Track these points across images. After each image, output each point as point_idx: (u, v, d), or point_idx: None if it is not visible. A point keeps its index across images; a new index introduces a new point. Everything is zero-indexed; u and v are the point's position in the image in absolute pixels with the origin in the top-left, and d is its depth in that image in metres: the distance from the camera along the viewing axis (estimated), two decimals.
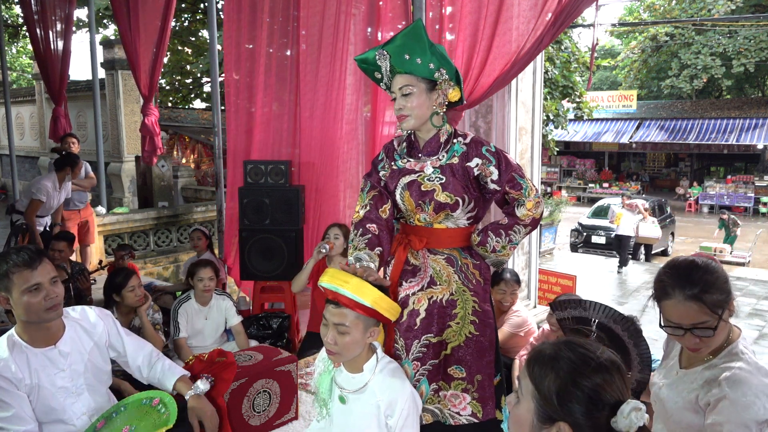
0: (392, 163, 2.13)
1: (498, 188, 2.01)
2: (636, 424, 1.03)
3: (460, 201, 2.00)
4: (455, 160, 2.01)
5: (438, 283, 2.04)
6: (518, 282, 3.74)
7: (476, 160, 2.00)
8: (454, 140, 2.05)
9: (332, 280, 1.76)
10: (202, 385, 2.17)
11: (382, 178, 2.15)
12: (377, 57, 2.02)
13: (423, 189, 2.00)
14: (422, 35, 1.95)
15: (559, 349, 1.15)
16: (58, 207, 5.30)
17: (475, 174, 2.00)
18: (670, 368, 1.73)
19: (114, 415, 2.00)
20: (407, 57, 1.96)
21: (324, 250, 3.38)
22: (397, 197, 2.07)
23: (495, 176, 2.00)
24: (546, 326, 3.36)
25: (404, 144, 2.15)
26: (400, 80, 2.00)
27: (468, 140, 2.05)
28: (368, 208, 2.11)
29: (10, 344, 1.95)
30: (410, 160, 2.09)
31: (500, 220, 2.08)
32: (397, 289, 2.08)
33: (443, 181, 1.99)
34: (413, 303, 2.04)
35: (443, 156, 2.03)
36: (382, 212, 2.09)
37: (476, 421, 2.03)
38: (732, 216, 13.83)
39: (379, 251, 2.01)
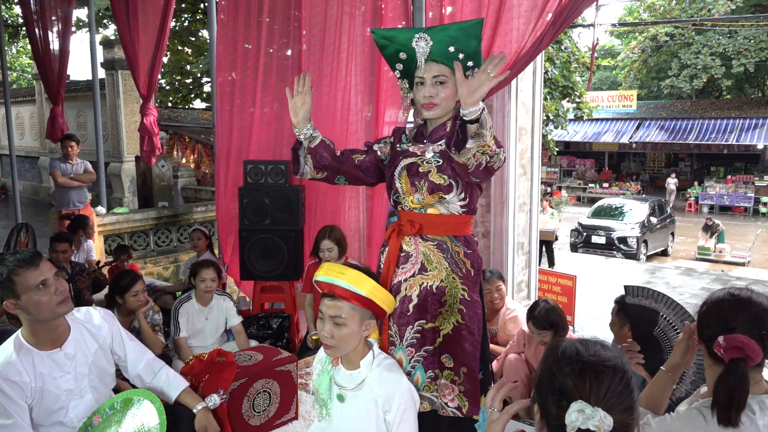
0: (398, 145, 2.19)
1: None
2: (576, 424, 1.06)
3: (454, 184, 2.01)
4: None
5: (428, 269, 2.06)
6: (500, 278, 3.79)
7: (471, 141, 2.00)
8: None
9: (328, 272, 1.78)
10: (215, 400, 2.21)
11: (375, 150, 2.24)
12: (415, 39, 1.97)
13: (420, 170, 2.05)
14: (479, 35, 1.97)
15: (564, 343, 1.22)
16: (88, 258, 5.42)
17: None
18: (689, 402, 1.77)
19: (108, 411, 1.99)
20: (452, 49, 1.95)
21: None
22: (395, 176, 2.11)
23: None
24: (525, 329, 3.36)
25: (414, 130, 2.20)
26: (436, 69, 1.99)
27: None
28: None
29: (17, 347, 1.95)
30: (415, 144, 2.14)
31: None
32: (392, 275, 2.12)
33: (440, 163, 2.03)
34: (405, 289, 2.07)
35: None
36: (345, 156, 2.23)
37: (460, 415, 2.04)
38: (713, 220, 13.85)
39: (327, 140, 2.19)
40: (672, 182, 20.93)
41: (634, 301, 2.45)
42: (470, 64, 2.00)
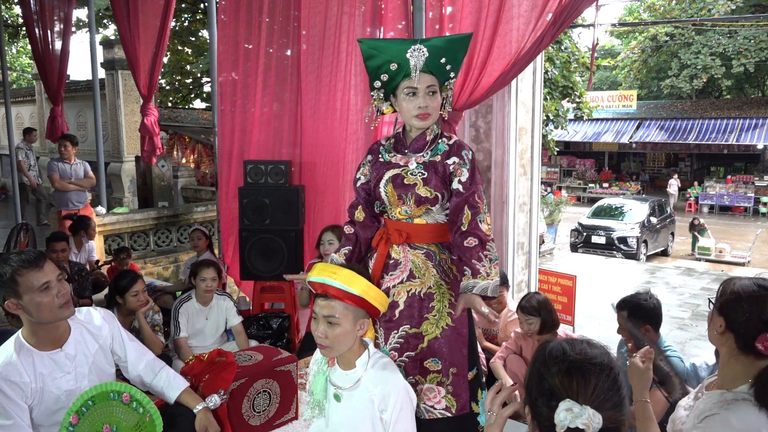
0: (378, 157, 2.23)
1: (462, 190, 2.07)
2: (564, 423, 1.06)
3: (440, 196, 2.07)
4: (437, 158, 2.11)
5: (417, 277, 2.11)
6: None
7: (454, 158, 2.10)
8: (439, 140, 2.15)
9: (321, 273, 1.79)
10: (215, 400, 2.22)
11: (359, 178, 2.27)
12: (412, 51, 2.02)
13: (405, 182, 2.09)
14: (467, 48, 2.14)
15: (552, 343, 1.23)
16: (89, 259, 5.41)
17: (450, 171, 2.09)
18: (694, 394, 1.77)
19: (84, 410, 1.95)
20: (443, 61, 2.05)
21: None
22: (381, 189, 2.15)
23: (464, 177, 2.08)
24: (518, 329, 3.36)
25: (392, 140, 2.25)
26: (428, 79, 2.06)
27: (452, 141, 2.15)
28: (348, 211, 2.33)
29: (18, 347, 1.95)
30: (396, 155, 2.19)
31: (467, 247, 2.05)
32: (379, 282, 2.17)
33: (425, 176, 2.08)
34: (393, 295, 2.13)
35: (428, 153, 2.13)
36: (357, 216, 2.29)
37: (449, 415, 2.08)
38: (699, 219, 13.89)
39: (347, 250, 2.27)
40: (674, 183, 20.79)
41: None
42: (452, 76, 2.12)
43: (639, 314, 2.76)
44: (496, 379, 3.35)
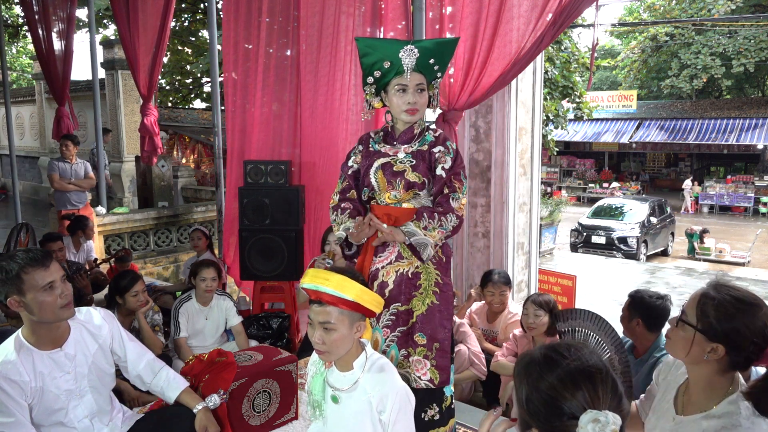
0: (368, 147, 2.39)
1: (443, 175, 2.25)
2: None
3: (427, 181, 2.26)
4: (425, 147, 2.29)
5: (405, 257, 2.26)
6: (507, 284, 3.74)
7: (439, 148, 2.28)
8: (426, 133, 2.33)
9: (313, 279, 1.79)
10: (215, 400, 2.22)
11: (352, 166, 2.39)
12: (405, 51, 2.19)
13: (395, 170, 2.27)
14: (453, 52, 2.33)
15: (535, 354, 1.15)
16: (88, 259, 5.38)
17: (435, 158, 2.26)
18: (665, 413, 1.66)
19: None
20: (431, 61, 2.23)
21: (328, 264, 3.37)
22: (371, 175, 2.30)
23: (447, 165, 2.25)
24: (517, 331, 3.35)
25: (381, 133, 2.42)
26: (418, 78, 2.24)
27: (437, 134, 2.33)
28: (338, 195, 2.40)
29: (18, 346, 1.95)
30: (386, 145, 2.36)
31: (431, 208, 2.27)
32: (369, 264, 2.29)
33: (413, 163, 2.26)
34: (382, 276, 2.28)
35: (415, 144, 2.31)
36: (350, 196, 2.39)
37: (432, 387, 2.24)
38: (703, 229, 13.86)
39: (349, 209, 2.34)
40: (689, 183, 20.52)
41: (565, 326, 2.57)
42: (438, 76, 2.31)
43: (636, 306, 2.82)
44: (500, 382, 3.33)
